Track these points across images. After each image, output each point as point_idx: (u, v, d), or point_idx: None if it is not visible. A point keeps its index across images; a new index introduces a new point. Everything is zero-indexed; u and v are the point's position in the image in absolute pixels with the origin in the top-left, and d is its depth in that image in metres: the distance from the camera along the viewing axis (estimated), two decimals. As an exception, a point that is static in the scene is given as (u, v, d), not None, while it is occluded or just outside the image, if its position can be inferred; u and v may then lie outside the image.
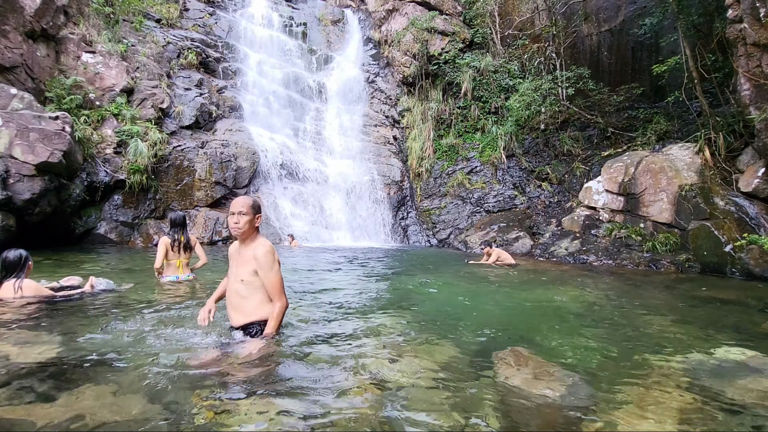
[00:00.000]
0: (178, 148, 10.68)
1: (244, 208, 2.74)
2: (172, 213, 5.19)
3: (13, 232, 7.32)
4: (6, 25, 8.42)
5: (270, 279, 2.72)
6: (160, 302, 4.00)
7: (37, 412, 1.86)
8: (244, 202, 2.77)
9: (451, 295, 5.05)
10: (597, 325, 3.74)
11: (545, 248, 9.45)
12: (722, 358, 2.86)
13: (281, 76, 14.09)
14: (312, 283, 5.38)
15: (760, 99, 7.16)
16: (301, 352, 2.70)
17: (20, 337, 2.83)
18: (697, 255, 7.32)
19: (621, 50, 13.07)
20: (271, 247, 2.78)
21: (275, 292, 2.74)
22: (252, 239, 2.81)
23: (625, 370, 2.62)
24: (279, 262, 2.82)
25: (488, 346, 3.01)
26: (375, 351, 2.80)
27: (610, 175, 9.37)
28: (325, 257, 8.09)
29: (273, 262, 2.74)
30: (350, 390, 2.19)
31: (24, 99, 8.04)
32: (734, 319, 4.11)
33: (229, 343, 2.71)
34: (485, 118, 13.66)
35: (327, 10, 17.28)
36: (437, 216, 12.40)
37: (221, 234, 10.04)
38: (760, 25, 6.81)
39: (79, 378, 2.22)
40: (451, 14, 15.36)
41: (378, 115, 14.76)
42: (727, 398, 2.24)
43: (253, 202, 2.83)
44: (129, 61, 11.12)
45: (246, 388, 2.15)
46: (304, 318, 3.57)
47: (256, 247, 2.75)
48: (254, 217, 2.79)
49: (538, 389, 2.27)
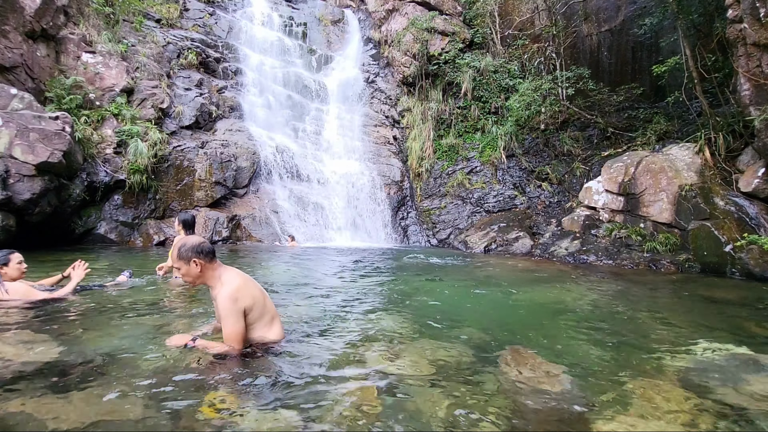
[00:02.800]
0: (178, 148, 10.68)
1: (176, 262, 2.46)
2: (184, 214, 5.13)
3: (13, 232, 7.32)
4: (6, 25, 8.42)
5: (226, 327, 2.44)
6: (167, 301, 4.00)
7: (37, 412, 1.86)
8: (172, 256, 2.44)
9: (452, 294, 5.05)
10: (597, 325, 3.74)
11: (545, 248, 9.45)
12: (722, 357, 2.86)
13: (281, 76, 14.09)
14: (312, 282, 5.38)
15: (760, 99, 7.16)
16: (301, 351, 2.69)
17: (20, 338, 2.83)
18: (697, 255, 7.32)
19: (621, 50, 13.07)
20: (232, 292, 2.45)
21: (228, 339, 2.44)
22: (212, 281, 2.52)
23: (624, 370, 2.62)
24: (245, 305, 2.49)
25: (488, 345, 3.01)
26: (375, 350, 2.80)
27: (610, 175, 9.37)
28: (324, 257, 8.09)
29: (231, 309, 2.43)
30: (350, 389, 2.19)
31: (24, 99, 8.04)
32: (734, 319, 4.11)
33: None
34: (485, 118, 13.66)
35: (327, 10, 17.28)
36: (437, 216, 12.40)
37: (221, 234, 10.05)
38: (760, 25, 6.81)
39: (80, 378, 2.22)
40: (451, 14, 15.36)
41: (378, 115, 14.75)
42: (727, 398, 2.24)
43: (179, 251, 2.46)
44: (129, 61, 11.12)
45: (245, 388, 2.15)
46: (304, 317, 3.57)
47: (219, 290, 2.48)
48: (190, 264, 2.45)
49: (537, 388, 2.27)
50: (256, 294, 2.57)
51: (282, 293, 4.67)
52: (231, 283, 2.49)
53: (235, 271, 2.61)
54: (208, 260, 2.49)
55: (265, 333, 2.61)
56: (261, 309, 2.58)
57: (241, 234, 10.42)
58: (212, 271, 2.52)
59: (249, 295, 2.52)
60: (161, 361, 2.46)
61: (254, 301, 2.54)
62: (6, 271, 3.71)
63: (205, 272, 2.49)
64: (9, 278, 3.71)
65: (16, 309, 3.50)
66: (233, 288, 2.46)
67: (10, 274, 3.73)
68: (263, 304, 2.61)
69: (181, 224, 4.98)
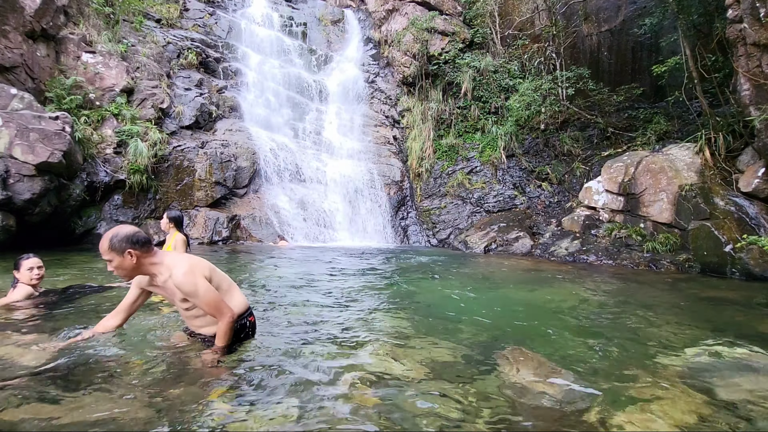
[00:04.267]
0: (178, 148, 10.68)
1: (106, 255, 2.29)
2: (175, 211, 4.97)
3: (13, 232, 7.33)
4: (6, 25, 8.42)
5: (203, 301, 2.33)
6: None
7: (38, 413, 1.86)
8: (102, 247, 2.28)
9: (452, 295, 5.05)
10: (597, 325, 3.74)
11: (545, 248, 9.45)
12: (722, 358, 2.86)
13: (281, 76, 14.08)
14: (311, 282, 5.38)
15: (760, 99, 7.16)
16: (301, 352, 2.69)
17: (21, 338, 2.83)
18: (697, 255, 7.32)
19: (621, 50, 13.07)
20: (188, 267, 2.33)
21: (213, 311, 2.36)
22: (153, 269, 2.38)
23: (625, 370, 2.62)
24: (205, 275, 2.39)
25: (489, 345, 3.01)
26: (375, 350, 2.80)
27: (610, 175, 9.37)
28: (324, 257, 8.09)
29: (196, 282, 2.30)
30: (350, 390, 2.18)
31: (24, 99, 8.04)
32: (734, 319, 4.11)
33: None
34: (485, 118, 13.66)
35: (327, 10, 17.28)
36: (437, 216, 12.40)
37: (221, 234, 10.05)
38: (760, 25, 6.81)
39: (80, 378, 2.22)
40: (451, 14, 15.35)
41: (378, 115, 14.75)
42: (727, 398, 2.24)
43: (110, 242, 2.27)
44: (129, 61, 11.12)
45: (244, 388, 2.15)
46: (304, 317, 3.58)
47: (170, 274, 2.34)
48: (124, 256, 2.27)
49: (538, 388, 2.27)
50: (209, 265, 2.54)
51: (281, 293, 4.67)
52: (180, 262, 2.39)
53: (175, 252, 2.57)
54: (144, 251, 2.31)
55: (227, 302, 2.52)
56: (219, 277, 2.55)
57: (241, 234, 10.42)
58: (149, 260, 2.35)
59: (204, 266, 2.49)
60: (161, 359, 2.46)
61: (211, 271, 2.50)
62: (17, 275, 3.72)
63: (141, 264, 2.32)
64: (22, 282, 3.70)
65: (18, 309, 3.51)
66: (187, 264, 2.37)
67: (22, 279, 3.71)
68: (218, 273, 2.58)
69: (172, 222, 4.76)
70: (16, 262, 3.77)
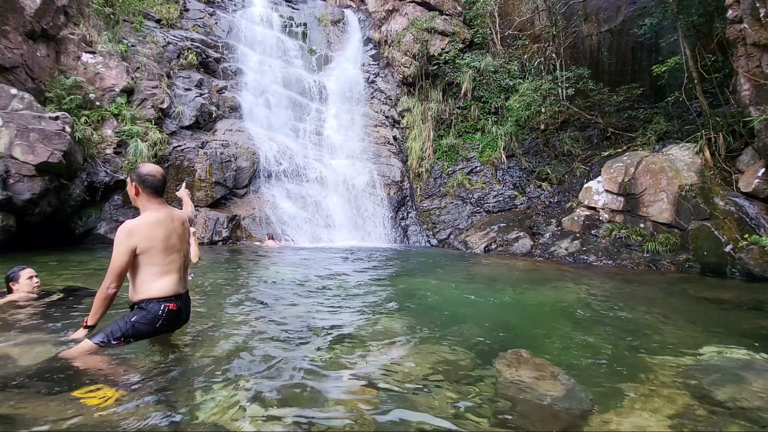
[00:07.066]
0: (178, 148, 10.68)
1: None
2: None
3: (13, 233, 7.32)
4: (6, 25, 8.42)
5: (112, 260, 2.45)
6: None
7: (37, 412, 1.86)
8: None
9: (452, 295, 5.05)
10: (597, 326, 3.74)
11: (545, 248, 9.45)
12: (722, 358, 2.86)
13: (281, 77, 14.08)
14: (311, 282, 5.38)
15: (760, 99, 7.16)
16: (299, 350, 2.69)
17: (20, 338, 2.83)
18: (697, 255, 7.32)
19: (621, 50, 13.07)
20: (131, 227, 2.45)
21: (107, 274, 2.44)
22: (141, 210, 2.64)
23: (625, 371, 2.62)
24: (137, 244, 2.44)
25: (489, 346, 3.01)
26: (375, 351, 2.80)
27: (610, 175, 9.37)
28: (324, 257, 8.09)
29: (120, 240, 2.42)
30: (347, 389, 2.18)
31: (24, 99, 8.04)
32: (734, 320, 4.11)
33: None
34: (485, 119, 13.66)
35: (327, 10, 17.28)
36: (437, 216, 12.40)
37: (221, 234, 10.04)
38: (760, 25, 6.81)
39: (80, 378, 2.22)
40: (451, 14, 15.36)
41: (378, 116, 14.75)
42: (727, 398, 2.24)
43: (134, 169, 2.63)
44: (129, 61, 11.12)
45: (243, 388, 2.15)
46: (304, 317, 3.57)
47: None
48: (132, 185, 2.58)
49: (538, 390, 2.27)
50: (157, 239, 2.51)
51: (280, 292, 4.67)
52: (139, 219, 2.51)
53: (160, 212, 2.56)
54: (147, 192, 2.55)
55: (150, 284, 2.53)
56: (156, 257, 2.51)
57: (241, 234, 10.42)
58: (144, 201, 2.58)
59: (147, 237, 2.47)
60: (162, 359, 2.46)
61: (150, 245, 2.48)
62: (17, 288, 3.69)
63: (138, 198, 2.58)
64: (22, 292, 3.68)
65: (19, 309, 3.51)
66: (134, 223, 2.47)
67: (22, 290, 3.70)
68: (162, 253, 2.53)
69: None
70: (10, 276, 3.69)
